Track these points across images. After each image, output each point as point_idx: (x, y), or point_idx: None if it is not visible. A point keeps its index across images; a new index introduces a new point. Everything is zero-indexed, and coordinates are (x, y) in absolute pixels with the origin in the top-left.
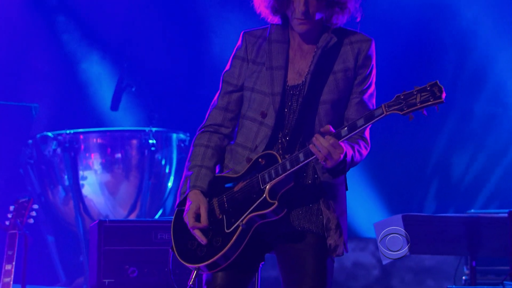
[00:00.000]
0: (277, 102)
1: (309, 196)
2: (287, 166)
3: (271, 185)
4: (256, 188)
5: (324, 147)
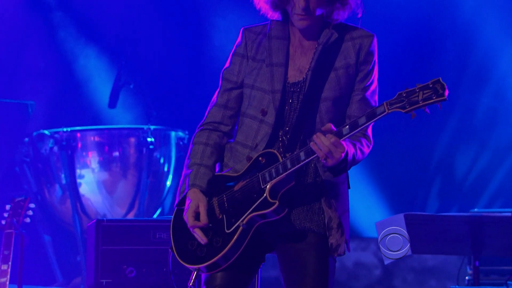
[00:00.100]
0: (278, 99)
1: (310, 195)
2: (287, 165)
3: (272, 185)
4: (256, 187)
5: (325, 146)
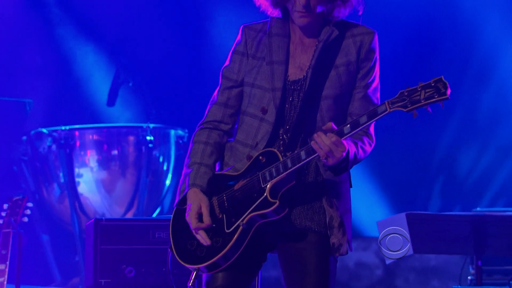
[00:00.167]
0: (278, 97)
1: (311, 194)
2: (288, 164)
3: (272, 184)
4: (256, 187)
5: (325, 145)
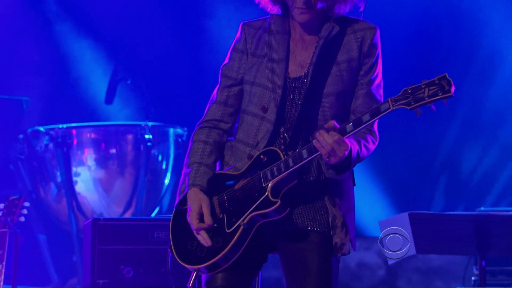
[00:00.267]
0: (278, 95)
1: (313, 192)
2: (290, 163)
3: (273, 183)
4: (257, 186)
5: (328, 144)
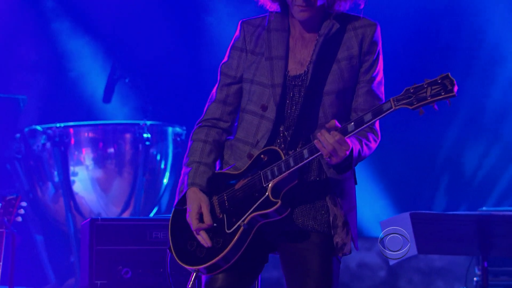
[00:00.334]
0: (278, 93)
1: (314, 192)
2: (290, 163)
3: (274, 183)
4: (258, 186)
5: (329, 144)
